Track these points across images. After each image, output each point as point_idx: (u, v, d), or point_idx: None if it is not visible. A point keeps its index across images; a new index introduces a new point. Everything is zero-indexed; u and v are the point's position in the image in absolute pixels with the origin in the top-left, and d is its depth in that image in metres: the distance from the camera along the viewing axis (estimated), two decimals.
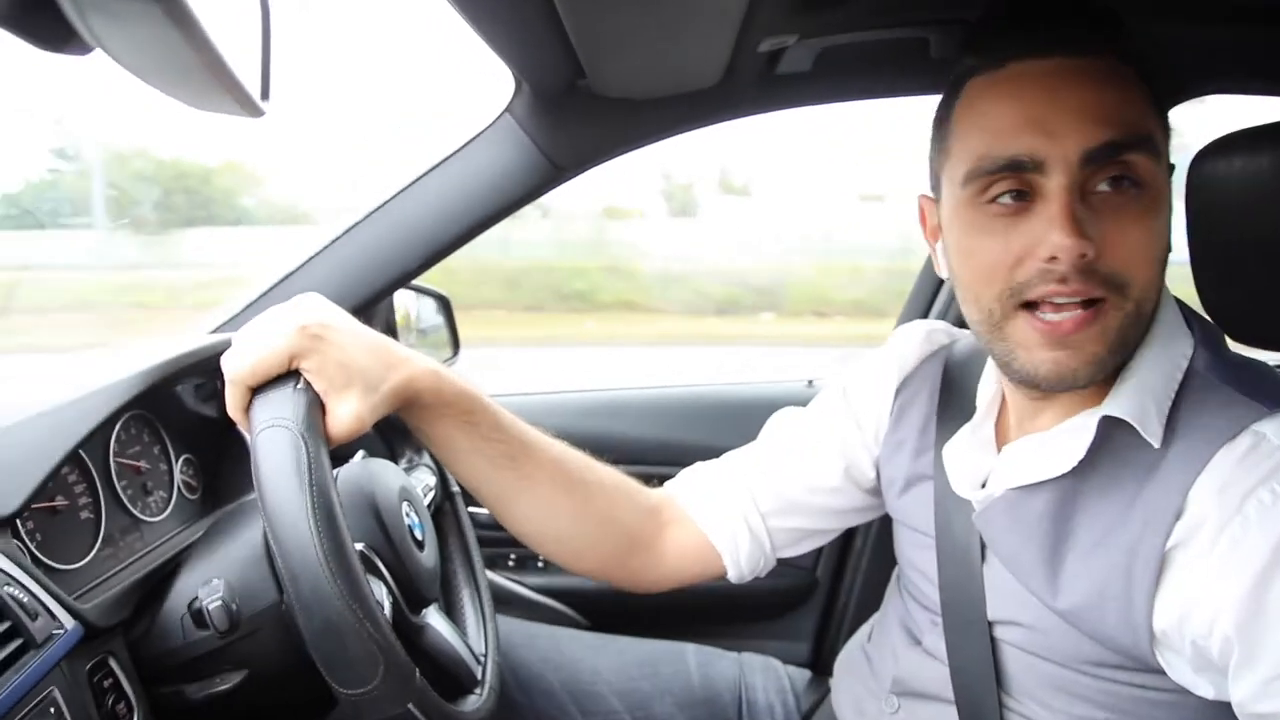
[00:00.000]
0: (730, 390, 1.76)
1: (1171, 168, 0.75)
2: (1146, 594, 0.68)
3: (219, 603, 0.76)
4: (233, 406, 0.77)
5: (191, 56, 0.44)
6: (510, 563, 1.56)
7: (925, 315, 1.65)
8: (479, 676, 0.93)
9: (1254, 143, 0.91)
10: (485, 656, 0.97)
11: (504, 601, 1.49)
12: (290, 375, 0.76)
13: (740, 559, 0.99)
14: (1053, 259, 0.68)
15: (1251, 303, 0.92)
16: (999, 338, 0.74)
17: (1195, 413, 0.71)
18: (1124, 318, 0.70)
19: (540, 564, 1.56)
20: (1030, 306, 0.71)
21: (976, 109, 0.73)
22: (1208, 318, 0.84)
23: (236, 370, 0.75)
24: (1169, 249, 0.72)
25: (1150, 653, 0.70)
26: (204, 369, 0.95)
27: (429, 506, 1.04)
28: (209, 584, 0.78)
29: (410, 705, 0.72)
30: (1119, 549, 0.70)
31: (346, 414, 0.76)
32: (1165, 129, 0.72)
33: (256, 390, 0.75)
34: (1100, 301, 0.69)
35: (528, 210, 1.21)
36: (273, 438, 0.71)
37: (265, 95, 0.60)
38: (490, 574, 1.47)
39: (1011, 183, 0.71)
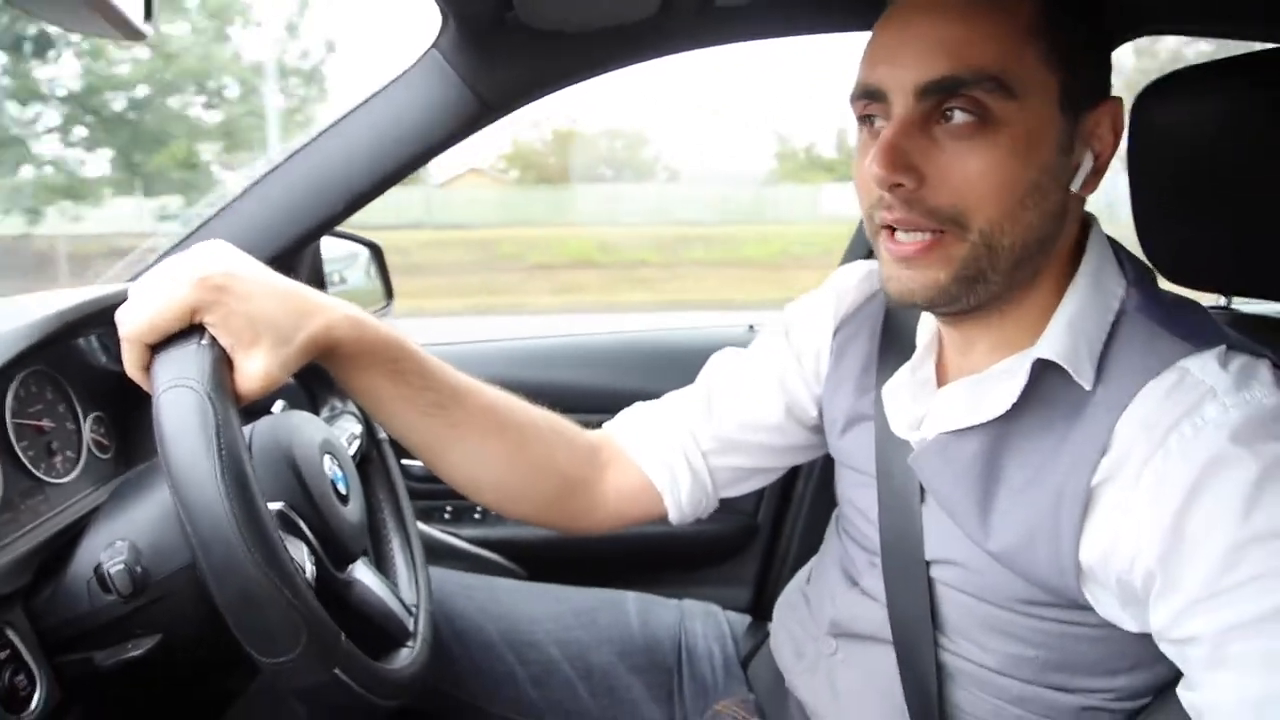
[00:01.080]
0: (670, 336, 1.74)
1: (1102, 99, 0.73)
2: (1073, 532, 0.69)
3: (121, 566, 0.72)
4: (131, 365, 0.72)
5: None
6: (446, 515, 1.53)
7: (868, 255, 1.64)
8: (411, 628, 0.91)
9: (1195, 83, 0.90)
10: (418, 608, 0.95)
11: (441, 555, 1.46)
12: (193, 330, 0.71)
13: (682, 499, 0.98)
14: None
15: (1189, 244, 0.92)
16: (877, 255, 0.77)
17: (1124, 352, 0.71)
18: (970, 250, 0.70)
19: (477, 515, 1.53)
20: (884, 229, 0.74)
21: (871, 37, 0.75)
22: (1144, 259, 0.84)
23: (133, 326, 0.70)
24: (1043, 189, 0.70)
25: (1078, 590, 0.70)
26: (101, 321, 0.90)
27: (355, 456, 1.01)
28: (112, 546, 0.74)
29: (336, 670, 0.70)
30: (1047, 489, 0.70)
31: (255, 370, 0.72)
32: (1054, 65, 0.70)
33: (157, 348, 0.70)
34: (939, 232, 0.70)
35: None
36: (176, 399, 0.66)
37: (148, 17, 0.56)
38: (426, 527, 1.44)
39: (868, 108, 0.74)
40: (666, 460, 0.97)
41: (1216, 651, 0.61)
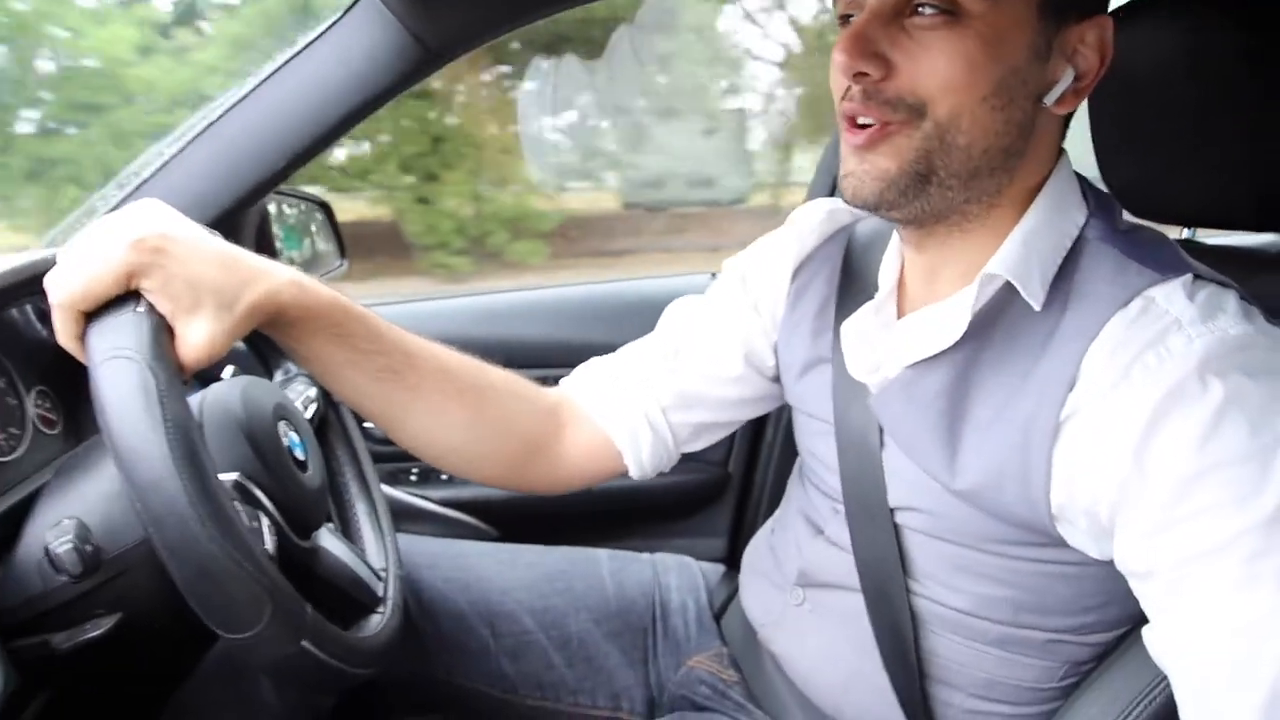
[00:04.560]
0: (632, 287, 1.72)
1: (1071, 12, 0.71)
2: (1043, 466, 0.68)
3: (70, 545, 0.69)
4: (63, 335, 0.68)
5: None
6: (412, 478, 1.51)
7: (831, 193, 1.62)
8: (381, 594, 0.89)
9: (1161, 9, 0.88)
10: (386, 572, 0.93)
11: (409, 518, 1.45)
12: (129, 297, 0.67)
13: (643, 457, 0.96)
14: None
15: (1151, 176, 0.92)
16: None
17: (1088, 280, 0.70)
18: (922, 140, 0.69)
19: (444, 477, 1.51)
20: (845, 120, 0.73)
21: None
22: (1105, 190, 0.83)
23: (64, 293, 0.66)
24: (1001, 86, 0.69)
25: (1050, 525, 0.70)
26: (32, 290, 0.85)
27: (312, 421, 0.98)
28: (59, 525, 0.71)
29: (304, 642, 0.68)
30: (1015, 424, 0.70)
31: (198, 338, 0.68)
32: None
33: (91, 315, 0.66)
34: (895, 124, 0.70)
35: None
36: (115, 370, 0.62)
37: None
38: (392, 490, 1.42)
39: (848, 4, 0.73)
40: (626, 418, 0.96)
41: (1172, 583, 0.61)
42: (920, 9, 0.68)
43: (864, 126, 0.71)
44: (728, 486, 1.61)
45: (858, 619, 0.82)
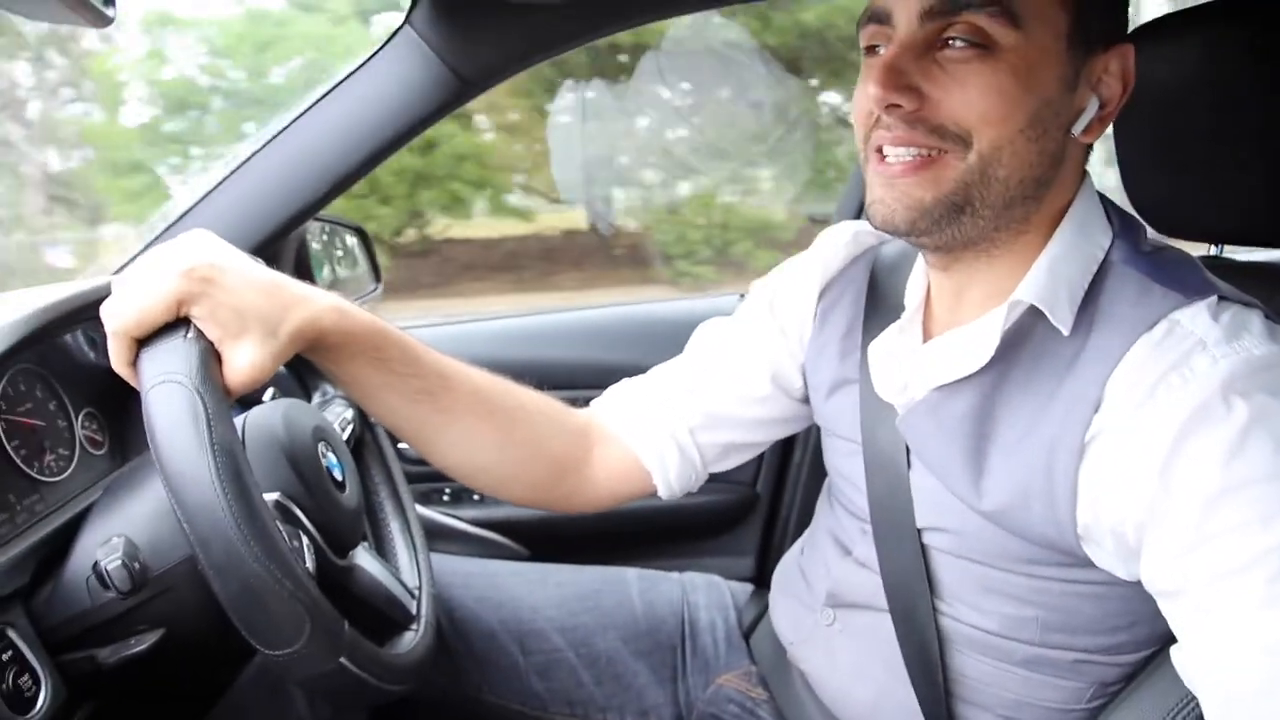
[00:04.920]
0: (662, 309, 1.73)
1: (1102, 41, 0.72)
2: (1069, 488, 0.69)
3: (119, 563, 0.72)
4: (117, 361, 0.70)
5: None
6: (445, 498, 1.53)
7: (858, 216, 1.63)
8: (414, 611, 0.91)
9: (1182, 28, 0.89)
10: (420, 590, 0.95)
11: (441, 537, 1.46)
12: (179, 324, 0.69)
13: (670, 477, 0.98)
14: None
15: (1176, 195, 0.92)
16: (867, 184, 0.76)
17: (1113, 303, 0.71)
18: (965, 170, 0.70)
19: (476, 497, 1.53)
20: (875, 153, 0.73)
21: None
22: (1132, 211, 0.83)
23: (119, 321, 0.69)
24: (1036, 119, 0.70)
25: (1077, 545, 0.70)
26: (87, 315, 0.88)
27: (349, 441, 1.00)
28: (108, 543, 0.73)
29: (342, 659, 0.70)
30: (1040, 445, 0.70)
31: (244, 363, 0.71)
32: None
33: (143, 342, 0.69)
34: (938, 151, 0.70)
35: None
36: (165, 395, 0.65)
37: (110, 2, 0.54)
38: (425, 510, 1.44)
39: (874, 34, 0.73)
40: (654, 439, 0.97)
41: (1200, 602, 0.61)
42: (951, 41, 0.69)
43: (888, 152, 0.72)
44: (756, 506, 1.61)
45: (887, 639, 0.83)
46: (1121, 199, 0.81)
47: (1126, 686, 0.75)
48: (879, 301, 0.90)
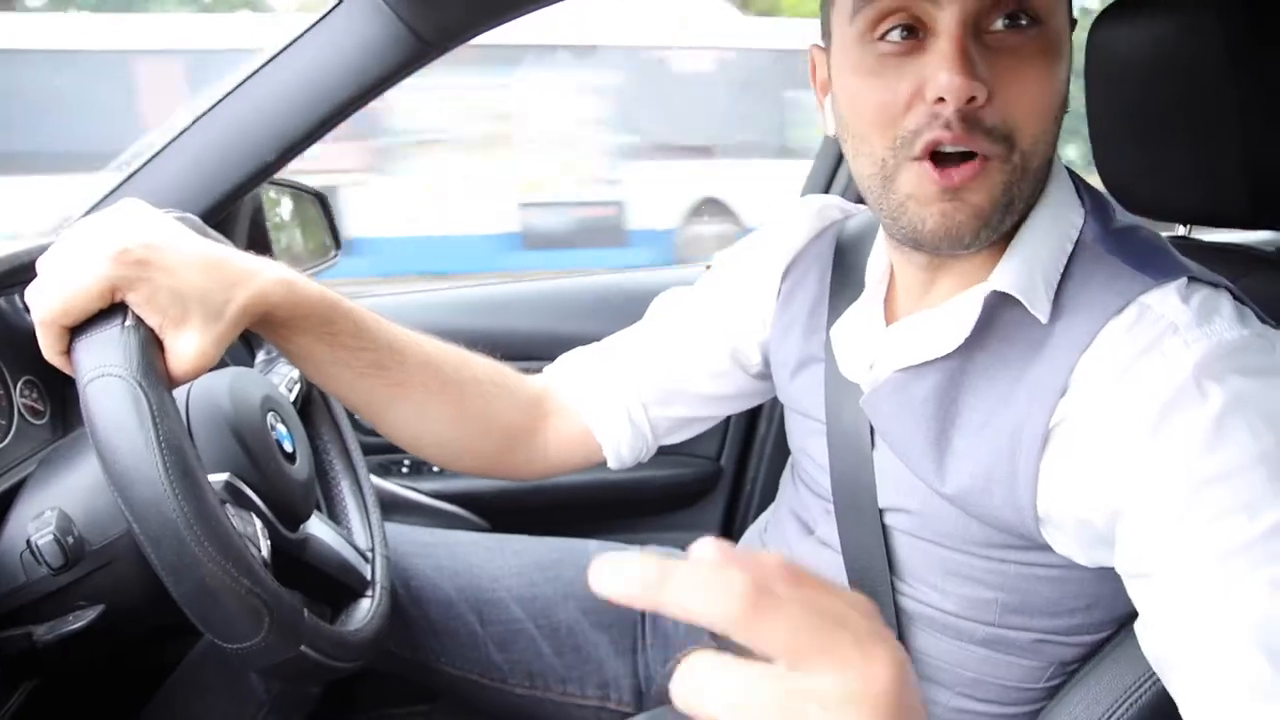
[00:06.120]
0: (622, 279, 1.71)
1: (1073, 22, 0.71)
2: (1030, 473, 0.67)
3: (50, 538, 0.70)
4: (48, 350, 0.67)
5: None
6: (404, 470, 1.51)
7: (827, 189, 1.61)
8: (369, 576, 0.90)
9: (1155, 4, 0.88)
10: (373, 552, 0.94)
11: (400, 509, 1.44)
12: (115, 310, 0.66)
13: (621, 449, 0.97)
14: (940, 101, 0.63)
15: (1147, 173, 0.91)
16: (889, 191, 0.68)
17: (1083, 287, 0.69)
18: (1010, 173, 0.66)
19: (435, 469, 1.51)
20: (924, 157, 0.66)
21: None
22: (1101, 188, 0.82)
23: (46, 310, 0.65)
24: (1065, 105, 0.68)
25: (1036, 531, 0.69)
26: (20, 279, 0.85)
27: (295, 402, 0.98)
28: (40, 517, 0.71)
29: (302, 647, 0.68)
30: (1004, 430, 0.69)
31: (188, 351, 0.68)
32: None
33: (76, 330, 0.65)
34: (985, 156, 0.65)
35: None
36: (104, 390, 0.62)
37: None
38: (383, 482, 1.42)
39: (901, 16, 0.64)
40: (606, 411, 0.96)
41: (1175, 590, 0.60)
42: (1018, 17, 0.63)
43: (948, 158, 0.65)
44: (719, 481, 1.61)
45: None
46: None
47: (1084, 666, 0.75)
48: (844, 279, 0.88)
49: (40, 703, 0.82)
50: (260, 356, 1.04)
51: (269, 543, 0.75)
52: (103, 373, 0.62)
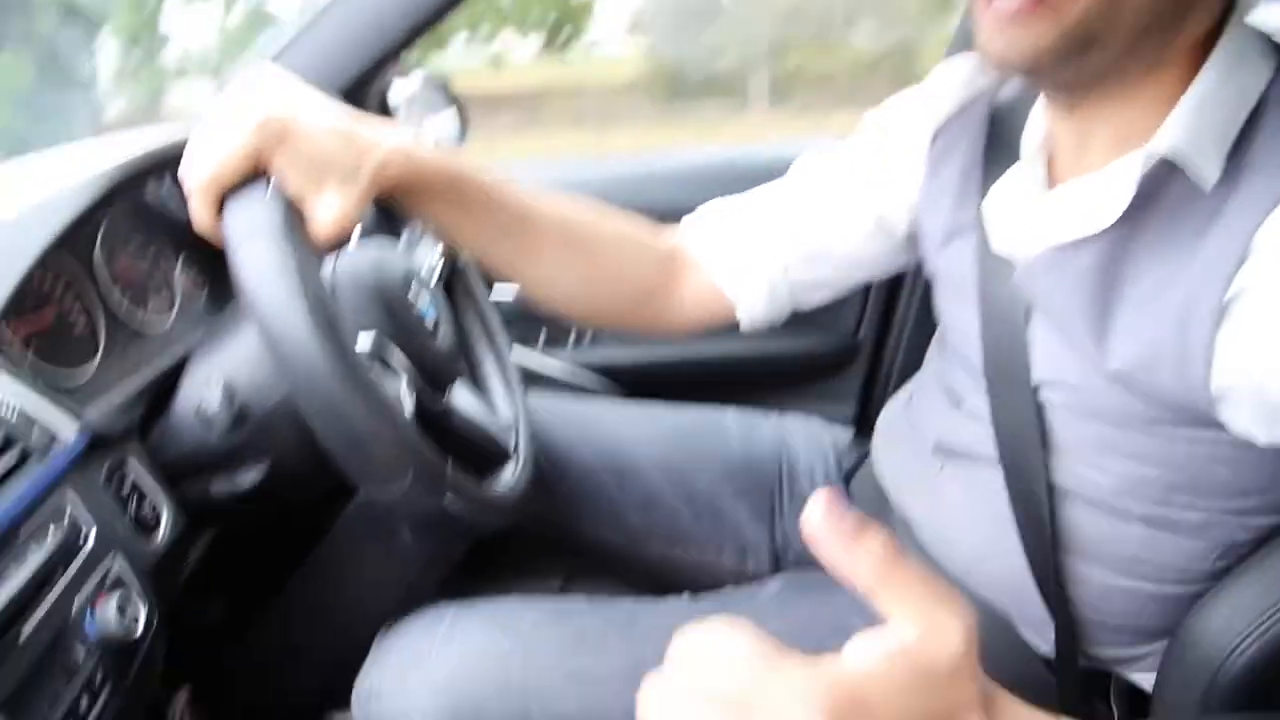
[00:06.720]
0: (763, 150, 1.64)
1: None
2: (1204, 349, 0.61)
3: (217, 402, 0.75)
4: (200, 219, 0.70)
5: None
6: (541, 340, 1.53)
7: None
8: (512, 445, 0.93)
9: None
10: (517, 421, 0.97)
11: (537, 380, 1.48)
12: (260, 178, 0.68)
13: (755, 310, 0.95)
14: None
15: None
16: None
17: (1265, 147, 0.60)
18: (1085, 7, 0.58)
19: (572, 339, 1.53)
20: None
21: None
22: None
23: (197, 180, 0.68)
24: None
25: (1210, 408, 0.64)
26: (169, 165, 0.88)
27: (439, 280, 1.00)
28: (207, 384, 0.76)
29: (447, 497, 0.72)
30: (1174, 303, 0.62)
31: (329, 214, 0.70)
32: None
33: (224, 197, 0.68)
34: None
35: None
36: (253, 251, 0.64)
37: None
38: (521, 351, 1.45)
39: None
40: (744, 272, 0.93)
41: None
42: None
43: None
44: (858, 355, 1.57)
45: (997, 491, 0.79)
46: None
47: (1256, 550, 0.70)
48: (999, 144, 0.81)
49: (219, 551, 0.90)
50: (404, 237, 1.07)
51: (414, 401, 0.78)
52: (251, 235, 0.65)
